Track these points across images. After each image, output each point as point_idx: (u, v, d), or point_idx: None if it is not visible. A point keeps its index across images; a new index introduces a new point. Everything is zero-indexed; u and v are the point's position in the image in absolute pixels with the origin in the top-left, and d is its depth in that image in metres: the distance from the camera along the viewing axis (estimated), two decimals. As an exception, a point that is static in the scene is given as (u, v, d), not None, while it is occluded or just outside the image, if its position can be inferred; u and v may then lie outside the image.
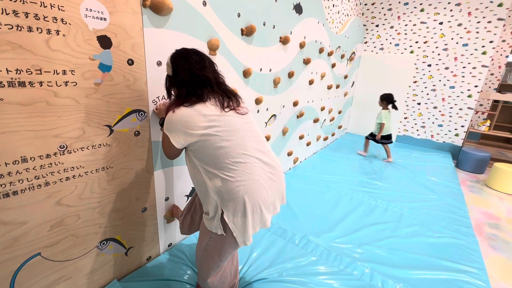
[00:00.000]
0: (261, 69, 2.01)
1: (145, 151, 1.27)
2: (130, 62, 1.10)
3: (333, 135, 4.30)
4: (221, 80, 1.06)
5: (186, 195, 1.60)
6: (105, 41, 1.00)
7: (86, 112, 1.00)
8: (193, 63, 0.98)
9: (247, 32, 1.72)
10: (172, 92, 1.07)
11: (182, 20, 1.29)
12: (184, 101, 0.94)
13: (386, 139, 3.44)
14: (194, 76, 0.96)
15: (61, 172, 0.98)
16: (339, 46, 3.47)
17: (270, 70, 2.13)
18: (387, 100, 3.28)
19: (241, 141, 0.95)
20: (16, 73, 0.80)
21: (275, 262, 1.52)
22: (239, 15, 1.64)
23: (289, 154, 2.87)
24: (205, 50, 1.47)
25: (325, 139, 3.95)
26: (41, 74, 0.86)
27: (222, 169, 0.92)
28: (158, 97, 1.27)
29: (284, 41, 2.16)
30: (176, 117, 0.93)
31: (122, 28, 1.04)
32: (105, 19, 0.98)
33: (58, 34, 0.87)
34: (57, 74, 0.89)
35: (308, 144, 3.33)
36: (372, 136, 3.54)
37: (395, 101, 3.26)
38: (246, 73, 1.83)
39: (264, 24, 1.89)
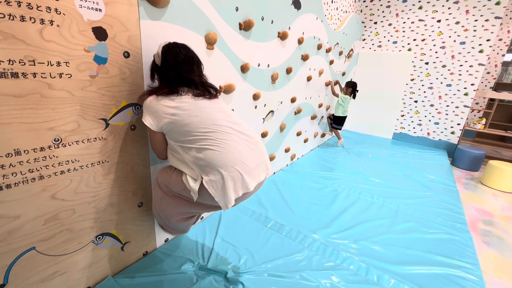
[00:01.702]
0: (259, 65, 2.00)
1: (141, 146, 1.26)
2: (126, 54, 1.09)
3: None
4: (205, 81, 1.12)
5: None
6: (100, 33, 0.98)
7: (81, 105, 0.99)
8: (182, 64, 1.04)
9: (245, 26, 1.71)
10: (156, 78, 1.12)
11: (179, 13, 1.27)
12: (159, 88, 1.04)
13: (339, 123, 3.63)
14: (180, 77, 1.04)
15: (55, 165, 0.97)
16: (337, 43, 3.46)
17: (268, 65, 2.12)
18: (353, 87, 3.46)
19: (208, 115, 1.02)
20: (9, 64, 0.79)
21: (272, 257, 1.52)
22: (237, 9, 1.62)
23: (287, 150, 2.87)
24: (202, 44, 1.45)
25: (323, 136, 3.96)
26: (34, 65, 0.84)
27: (195, 141, 0.99)
28: (154, 91, 1.25)
29: (283, 36, 2.15)
30: (148, 101, 1.03)
31: (118, 19, 1.02)
32: (100, 10, 0.96)
33: (52, 24, 0.85)
34: (51, 65, 0.87)
35: (305, 140, 3.33)
36: (331, 120, 3.71)
37: (357, 90, 3.52)
38: (244, 68, 1.81)
39: (262, 19, 1.88)
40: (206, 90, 1.07)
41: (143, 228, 1.40)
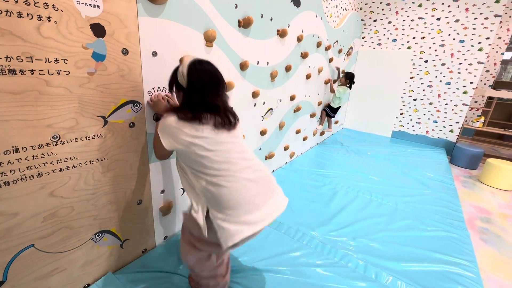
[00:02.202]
0: (258, 62, 1.99)
1: (140, 143, 1.26)
2: (125, 51, 1.08)
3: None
4: (227, 107, 1.05)
5: (182, 188, 1.60)
6: (98, 30, 0.98)
7: (79, 102, 0.98)
8: (209, 89, 0.99)
9: (244, 24, 1.70)
10: (174, 90, 1.07)
11: (178, 10, 1.27)
12: (182, 113, 0.96)
13: (334, 112, 3.66)
14: (205, 102, 0.98)
15: (54, 163, 0.97)
16: (337, 41, 3.45)
17: (267, 63, 2.11)
18: (351, 78, 3.45)
19: (225, 152, 0.97)
20: (6, 60, 0.78)
21: (270, 254, 1.53)
22: (236, 6, 1.61)
23: (286, 148, 2.87)
24: (201, 41, 1.44)
25: (322, 134, 3.96)
26: (32, 62, 0.83)
27: (206, 174, 0.95)
28: (153, 88, 1.25)
29: (282, 34, 2.14)
30: (169, 122, 0.96)
31: (116, 16, 1.02)
32: (98, 6, 0.96)
33: (49, 20, 0.84)
34: (49, 62, 0.87)
35: (304, 138, 3.33)
36: (329, 109, 3.69)
37: (353, 82, 3.51)
38: (243, 66, 1.81)
39: (261, 16, 1.87)
40: (228, 119, 1.01)
41: (142, 226, 1.40)
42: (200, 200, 0.99)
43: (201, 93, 0.97)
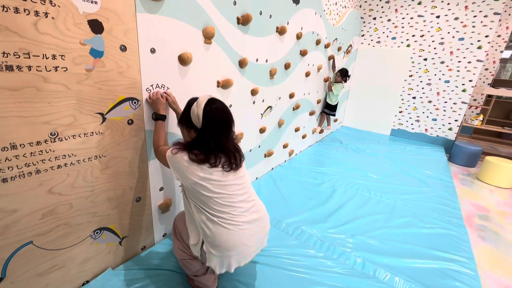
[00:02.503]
0: (257, 60, 1.99)
1: (138, 140, 1.25)
2: (123, 48, 1.08)
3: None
4: (236, 147, 1.09)
5: (181, 185, 1.59)
6: (96, 26, 0.97)
7: (77, 99, 0.98)
8: (222, 131, 1.02)
9: (243, 21, 1.69)
10: (184, 126, 1.07)
11: (177, 6, 1.26)
12: (195, 154, 0.98)
13: (332, 110, 3.67)
14: (218, 146, 1.01)
15: (52, 160, 0.96)
16: (336, 39, 3.44)
17: (267, 60, 2.10)
18: (345, 74, 3.42)
19: (229, 194, 1.02)
20: (3, 56, 0.78)
21: (268, 251, 1.53)
22: (235, 3, 1.61)
23: (285, 146, 2.87)
24: (200, 38, 1.44)
25: (321, 132, 3.96)
26: (29, 58, 0.83)
27: (208, 211, 1.00)
28: (152, 85, 1.24)
29: (281, 31, 2.13)
30: (180, 160, 0.99)
31: (114, 12, 1.01)
32: (96, 2, 0.95)
33: (46, 16, 0.84)
34: (46, 58, 0.86)
35: (303, 136, 3.33)
36: (327, 107, 3.69)
37: (349, 76, 3.49)
38: (242, 63, 1.80)
39: (260, 13, 1.86)
40: (235, 160, 1.05)
41: (141, 223, 1.40)
42: (196, 231, 1.06)
43: (216, 138, 1.00)
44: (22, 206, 0.92)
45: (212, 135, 1.00)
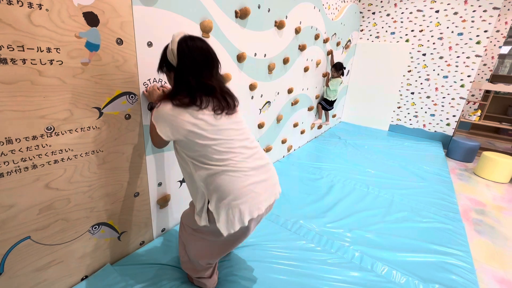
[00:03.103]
0: (255, 54, 1.97)
1: (136, 135, 1.25)
2: (119, 41, 1.06)
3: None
4: (224, 88, 1.00)
5: (179, 181, 1.59)
6: (92, 18, 0.95)
7: (73, 93, 0.97)
8: (203, 67, 0.92)
9: (241, 14, 1.67)
10: (165, 71, 1.01)
11: (174, -1, 1.24)
12: (178, 99, 0.89)
13: (329, 104, 3.60)
14: (200, 84, 0.91)
15: (48, 154, 0.95)
16: (335, 33, 3.42)
17: (265, 55, 2.09)
18: (340, 68, 3.32)
19: (226, 140, 0.94)
20: (-3, 49, 0.76)
21: (267, 246, 1.54)
22: (233, -4, 1.58)
23: (283, 141, 2.87)
24: (197, 32, 1.42)
25: (319, 127, 3.96)
26: (23, 51, 0.81)
27: (207, 164, 0.92)
28: (149, 80, 1.23)
29: (279, 25, 2.11)
30: (165, 111, 0.90)
31: (110, 4, 0.99)
32: (91, -6, 0.93)
33: (40, 8, 0.82)
34: (41, 51, 0.85)
35: (302, 132, 3.33)
36: (325, 102, 3.62)
37: (344, 68, 3.39)
38: (240, 58, 1.79)
39: (259, 7, 1.84)
40: (226, 102, 0.95)
41: (140, 218, 1.40)
42: (199, 191, 0.97)
43: (196, 75, 0.90)
44: (19, 201, 0.92)
45: (190, 71, 0.90)
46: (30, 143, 0.90)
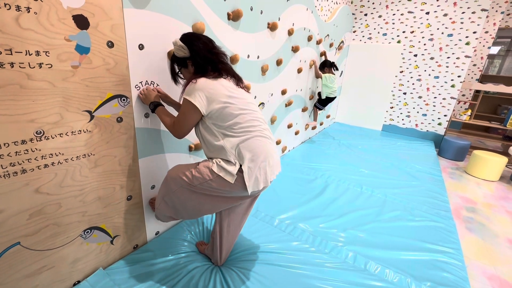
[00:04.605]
0: (248, 56, 1.98)
1: (129, 138, 1.24)
2: (110, 44, 1.05)
3: (321, 124, 4.34)
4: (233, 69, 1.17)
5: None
6: (81, 21, 0.95)
7: (63, 96, 0.96)
8: (207, 43, 1.10)
9: (234, 16, 1.68)
10: (182, 75, 1.17)
11: (165, 1, 1.24)
12: (207, 75, 1.05)
13: (323, 104, 3.49)
14: (213, 54, 1.08)
15: (38, 159, 0.94)
16: (328, 35, 3.45)
17: (258, 57, 2.10)
18: (329, 65, 3.23)
19: (253, 111, 1.10)
20: (-16, 53, 0.75)
21: (261, 247, 1.55)
22: (225, -2, 1.59)
23: (278, 142, 2.88)
24: (190, 34, 1.42)
25: (313, 128, 3.98)
26: (11, 54, 0.80)
27: (239, 132, 1.05)
28: (141, 82, 1.22)
29: (272, 27, 2.12)
30: (203, 84, 1.02)
31: (100, 7, 0.99)
32: (80, -3, 0.93)
33: (28, 11, 0.81)
34: (29, 55, 0.84)
35: (296, 133, 3.35)
36: (318, 103, 3.52)
37: (333, 63, 3.25)
38: (233, 60, 1.79)
39: (251, 9, 1.85)
40: (235, 74, 1.14)
41: (133, 222, 1.39)
42: (230, 157, 1.05)
43: (207, 47, 1.07)
44: (8, 207, 0.90)
45: (203, 46, 1.07)
46: (19, 147, 0.89)
